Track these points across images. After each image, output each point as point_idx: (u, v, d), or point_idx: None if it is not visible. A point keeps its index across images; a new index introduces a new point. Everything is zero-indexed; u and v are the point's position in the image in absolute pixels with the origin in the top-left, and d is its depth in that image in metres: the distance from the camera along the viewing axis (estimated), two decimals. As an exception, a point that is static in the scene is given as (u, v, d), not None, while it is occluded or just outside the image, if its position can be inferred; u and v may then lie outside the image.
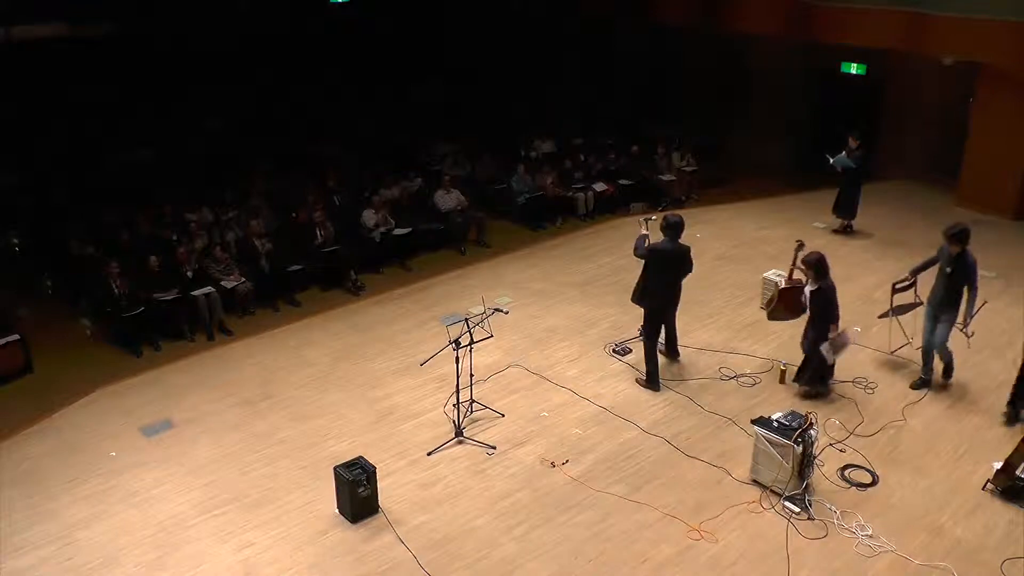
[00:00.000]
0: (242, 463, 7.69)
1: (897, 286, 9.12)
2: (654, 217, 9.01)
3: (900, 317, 9.22)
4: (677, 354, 9.17)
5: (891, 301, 9.15)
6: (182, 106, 14.79)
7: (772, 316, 9.17)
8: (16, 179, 13.05)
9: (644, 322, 8.77)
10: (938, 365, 8.71)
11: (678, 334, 9.20)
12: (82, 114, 13.90)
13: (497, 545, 6.66)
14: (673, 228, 8.43)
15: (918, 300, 9.09)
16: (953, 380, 8.73)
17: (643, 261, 8.58)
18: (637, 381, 8.85)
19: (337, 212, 12.44)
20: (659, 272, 8.54)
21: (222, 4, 14.61)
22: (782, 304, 8.94)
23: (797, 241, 9.04)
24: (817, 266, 8.14)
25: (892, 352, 9.22)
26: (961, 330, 8.34)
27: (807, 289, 8.35)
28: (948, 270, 8.27)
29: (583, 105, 17.54)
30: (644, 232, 8.65)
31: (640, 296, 8.79)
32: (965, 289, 8.20)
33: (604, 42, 18.21)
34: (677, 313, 9.03)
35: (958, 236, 8.16)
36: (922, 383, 8.71)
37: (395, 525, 6.85)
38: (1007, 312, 10.25)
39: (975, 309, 8.20)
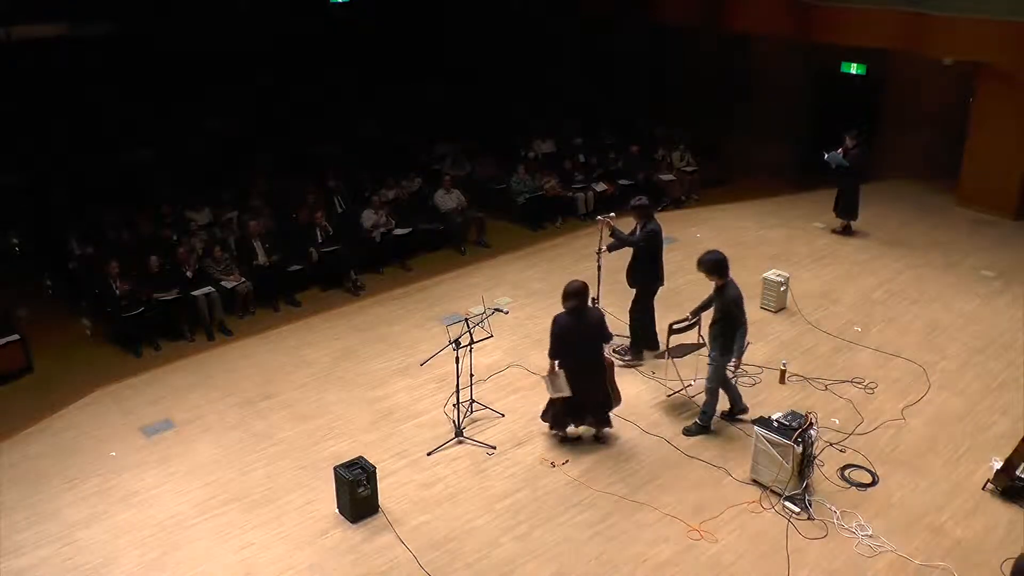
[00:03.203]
0: (242, 463, 7.69)
1: (674, 326, 8.44)
2: (613, 214, 9.17)
3: (681, 359, 8.55)
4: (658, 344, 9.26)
5: (667, 342, 8.52)
6: (182, 106, 14.79)
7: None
8: (16, 179, 13.05)
9: (639, 301, 9.02)
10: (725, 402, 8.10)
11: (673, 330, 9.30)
12: (82, 114, 13.90)
13: (497, 545, 6.66)
14: (648, 208, 8.89)
15: (700, 341, 8.43)
16: (744, 416, 8.01)
17: (631, 249, 8.90)
18: (618, 352, 9.07)
19: (337, 212, 12.45)
20: (656, 252, 8.85)
21: (222, 4, 14.61)
22: None
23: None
24: (570, 295, 7.36)
25: (668, 395, 8.55)
26: (733, 370, 7.75)
27: None
28: (714, 305, 7.68)
29: (583, 105, 17.54)
30: (611, 224, 8.87)
31: (639, 279, 8.98)
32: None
33: (604, 42, 18.22)
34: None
35: (709, 266, 7.49)
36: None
37: (395, 525, 6.85)
38: (1007, 312, 10.25)
39: (743, 346, 7.53)
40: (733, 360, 7.63)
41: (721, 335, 7.59)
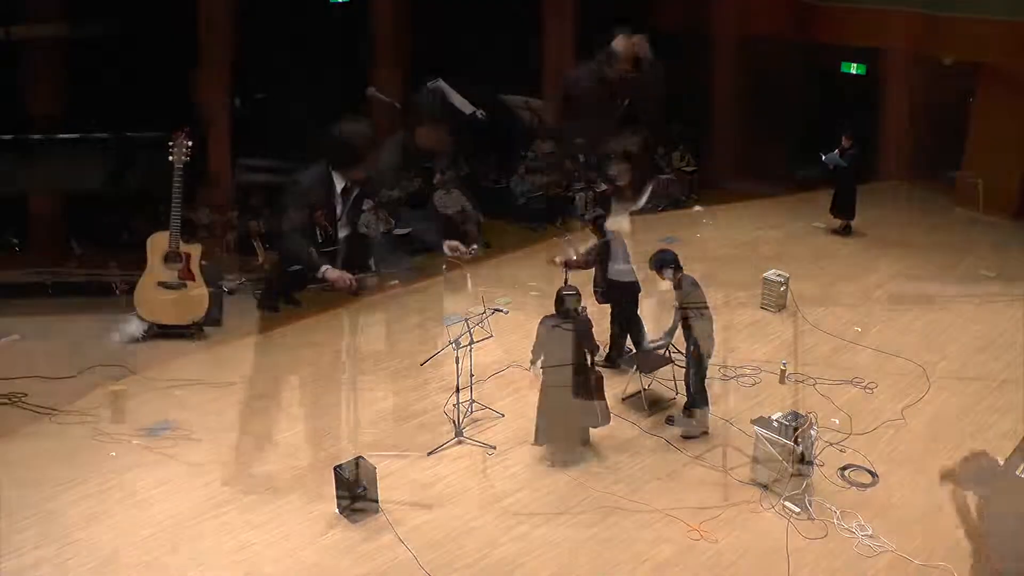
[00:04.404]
0: (242, 463, 7.68)
1: (649, 345, 8.56)
2: (569, 237, 9.17)
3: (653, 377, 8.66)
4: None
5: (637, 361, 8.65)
6: (181, 106, 14.77)
7: None
8: (16, 179, 13.02)
9: (622, 312, 8.89)
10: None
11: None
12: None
13: (497, 545, 6.66)
14: (603, 219, 8.95)
15: (667, 355, 8.52)
16: (685, 425, 7.96)
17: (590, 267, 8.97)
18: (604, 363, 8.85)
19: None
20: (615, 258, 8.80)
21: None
22: None
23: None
24: (562, 299, 7.45)
25: (623, 399, 8.54)
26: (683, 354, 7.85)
27: None
28: (676, 304, 7.80)
29: (583, 105, 17.50)
30: (568, 247, 8.92)
31: (603, 288, 8.94)
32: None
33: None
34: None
35: (660, 263, 7.78)
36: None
37: (395, 525, 6.85)
38: (1007, 312, 10.25)
39: (711, 333, 7.67)
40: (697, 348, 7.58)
41: (692, 333, 7.63)
